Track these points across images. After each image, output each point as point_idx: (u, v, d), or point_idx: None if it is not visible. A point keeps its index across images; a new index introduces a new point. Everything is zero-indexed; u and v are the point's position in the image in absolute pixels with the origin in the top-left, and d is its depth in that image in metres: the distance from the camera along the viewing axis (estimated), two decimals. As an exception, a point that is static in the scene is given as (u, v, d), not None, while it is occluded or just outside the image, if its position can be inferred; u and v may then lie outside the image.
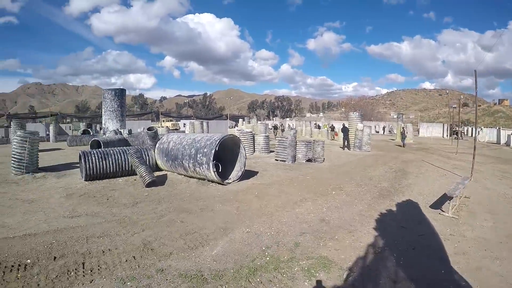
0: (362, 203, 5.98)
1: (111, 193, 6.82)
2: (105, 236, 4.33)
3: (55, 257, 3.66)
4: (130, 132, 19.30)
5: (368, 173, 9.49)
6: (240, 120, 42.70)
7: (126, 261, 3.59)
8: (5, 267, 3.39)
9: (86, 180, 7.70)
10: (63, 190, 7.07)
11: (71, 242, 4.10)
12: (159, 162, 8.53)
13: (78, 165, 10.78)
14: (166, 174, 8.39)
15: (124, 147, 8.64)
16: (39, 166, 9.36)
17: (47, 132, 28.81)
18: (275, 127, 29.50)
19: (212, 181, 7.10)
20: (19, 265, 3.44)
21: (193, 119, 43.04)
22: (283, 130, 26.80)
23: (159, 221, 4.93)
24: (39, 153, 9.29)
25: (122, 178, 8.08)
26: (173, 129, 35.29)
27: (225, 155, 7.79)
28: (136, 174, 7.77)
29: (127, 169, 7.96)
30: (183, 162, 7.44)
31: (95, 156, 7.76)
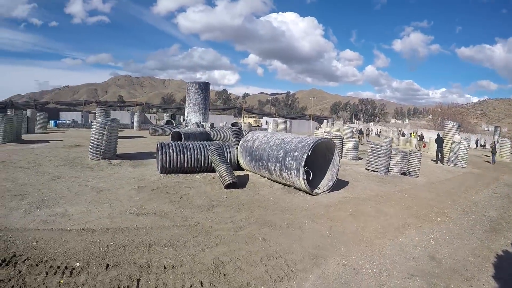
0: (473, 237, 6.10)
1: (186, 190, 7.24)
2: (171, 246, 4.23)
3: (107, 265, 3.60)
4: (212, 126, 21.25)
5: (471, 196, 9.97)
6: (324, 121, 47.84)
7: (191, 287, 3.35)
8: (50, 266, 3.48)
9: (161, 172, 8.60)
10: (136, 181, 7.80)
11: (131, 248, 4.07)
12: (241, 161, 9.47)
13: (155, 155, 12.14)
14: (248, 174, 8.99)
15: (205, 142, 9.67)
16: (117, 153, 11.04)
17: (132, 120, 35.26)
18: (360, 132, 34.26)
19: (300, 189, 7.76)
20: (66, 268, 3.48)
21: (276, 117, 49.13)
22: (368, 135, 31.77)
23: (237, 234, 4.98)
24: (120, 139, 10.97)
25: (199, 174, 8.86)
26: (255, 126, 39.92)
27: (315, 160, 8.37)
28: (215, 172, 8.50)
29: (205, 165, 8.93)
30: (269, 165, 8.13)
31: (173, 149, 8.69)
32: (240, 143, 9.66)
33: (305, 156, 7.30)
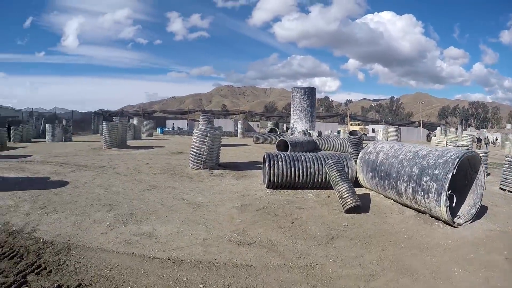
0: None
1: (298, 213, 6.16)
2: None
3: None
4: (319, 134, 20.03)
5: None
6: (438, 128, 45.55)
7: None
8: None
9: (268, 187, 7.78)
10: (238, 197, 6.98)
11: (228, 299, 3.03)
12: (360, 177, 8.57)
13: (261, 166, 11.39)
14: (369, 194, 7.87)
15: (318, 153, 8.97)
16: (220, 162, 10.65)
17: (236, 128, 36.32)
18: (479, 140, 33.75)
19: (437, 218, 6.68)
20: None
21: (383, 124, 48.43)
22: (487, 144, 32.29)
23: (369, 287, 3.81)
24: (223, 147, 10.65)
25: (311, 191, 7.84)
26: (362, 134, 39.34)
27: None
28: (329, 188, 7.84)
29: (319, 180, 8.03)
30: (398, 184, 7.15)
31: (282, 161, 7.95)
32: (360, 155, 8.52)
33: (449, 175, 6.16)
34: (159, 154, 14.02)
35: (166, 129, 37.79)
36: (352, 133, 8.90)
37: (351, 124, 54.27)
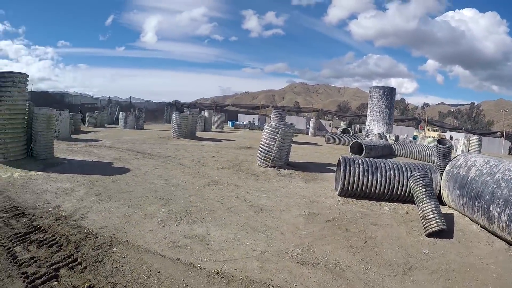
0: None
1: (372, 230, 5.27)
2: None
3: None
4: (397, 138, 18.36)
5: None
6: None
7: None
8: None
9: (339, 195, 6.96)
10: (306, 203, 6.24)
11: None
12: (444, 193, 7.45)
13: (333, 168, 10.49)
14: (452, 214, 6.74)
15: (400, 162, 7.79)
16: (289, 161, 10.01)
17: (307, 126, 35.38)
18: None
19: None
20: None
21: (462, 132, 44.69)
22: None
23: None
24: (293, 145, 10.03)
25: (387, 204, 6.86)
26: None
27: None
28: (407, 202, 7.08)
29: (398, 193, 7.08)
30: (490, 208, 5.87)
31: (359, 167, 7.06)
32: (448, 168, 7.27)
33: None
34: (227, 147, 13.75)
35: (237, 122, 38.03)
36: (440, 141, 7.66)
37: (427, 130, 50.76)
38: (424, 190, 5.79)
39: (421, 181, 5.88)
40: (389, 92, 19.95)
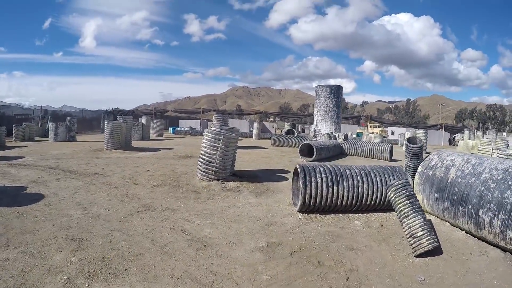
0: None
1: (350, 258, 4.17)
2: None
3: None
4: (346, 137, 17.96)
5: None
6: (466, 131, 42.59)
7: None
8: None
9: (300, 211, 5.77)
10: (262, 227, 4.97)
11: None
12: (419, 197, 6.67)
13: (285, 175, 9.36)
14: (430, 220, 5.72)
15: (368, 167, 6.85)
16: (235, 170, 8.73)
17: (251, 129, 34.34)
18: None
19: None
20: None
21: (403, 126, 47.05)
22: None
23: None
24: (238, 150, 8.83)
25: (355, 215, 5.86)
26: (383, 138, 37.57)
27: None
28: (378, 211, 6.23)
29: (368, 202, 6.07)
30: (479, 213, 5.23)
31: (322, 177, 5.94)
32: (421, 169, 6.49)
33: None
34: (165, 157, 12.13)
35: (178, 128, 35.97)
36: (411, 140, 6.81)
37: (370, 126, 52.15)
38: (408, 202, 4.77)
39: (404, 191, 4.85)
40: (336, 90, 19.28)
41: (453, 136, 44.83)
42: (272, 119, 69.88)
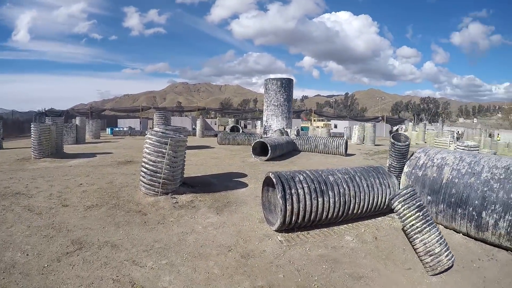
0: None
1: None
2: None
3: None
4: (298, 133, 17.27)
5: None
6: (409, 123, 45.77)
7: None
8: None
9: (279, 230, 4.66)
10: (237, 260, 3.78)
11: None
12: None
13: (243, 180, 8.25)
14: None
15: (351, 169, 5.94)
16: (184, 177, 7.42)
17: (193, 126, 32.63)
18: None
19: None
20: None
21: (347, 120, 48.21)
22: (458, 139, 30.11)
23: None
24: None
25: (342, 229, 4.94)
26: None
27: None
28: (362, 218, 5.50)
29: (355, 211, 5.18)
30: (483, 215, 4.72)
31: (303, 188, 4.82)
32: (408, 169, 5.74)
33: None
34: (102, 165, 10.39)
35: (117, 129, 33.10)
36: (396, 137, 5.97)
37: (314, 120, 52.58)
38: (421, 215, 3.88)
39: (413, 202, 3.95)
40: (287, 84, 18.10)
41: (396, 128, 46.71)
42: (213, 116, 68.13)
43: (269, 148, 11.56)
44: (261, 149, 12.36)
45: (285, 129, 16.26)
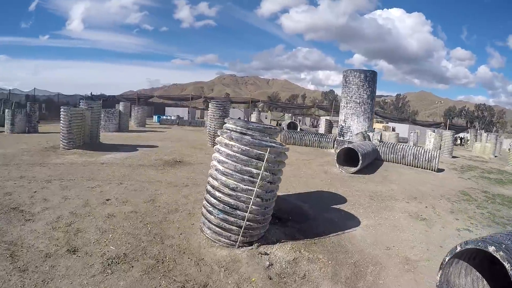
0: None
1: None
2: None
3: None
4: (381, 138, 13.88)
5: None
6: (471, 131, 37.75)
7: None
8: None
9: None
10: None
11: None
12: None
13: (341, 207, 5.35)
14: None
15: None
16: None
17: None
18: None
19: None
20: None
21: (408, 123, 43.31)
22: None
23: None
24: None
25: None
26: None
27: None
28: None
29: None
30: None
31: None
32: None
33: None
34: (143, 165, 7.93)
35: (164, 117, 31.25)
36: None
37: (374, 121, 48.74)
38: None
39: None
40: (372, 78, 14.58)
41: (460, 136, 41.24)
42: (260, 109, 65.08)
43: (360, 158, 8.57)
44: (346, 157, 9.38)
45: (367, 133, 13.00)
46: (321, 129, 20.70)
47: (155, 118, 31.45)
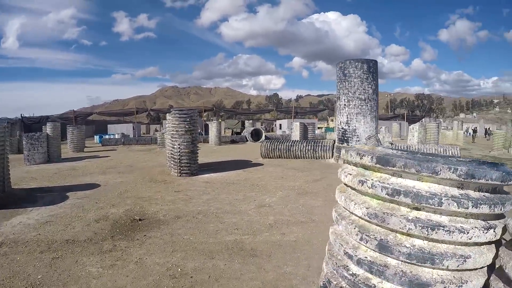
0: None
1: None
2: None
3: None
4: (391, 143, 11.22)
5: None
6: (431, 121, 41.55)
7: None
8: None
9: None
10: None
11: None
12: None
13: None
14: None
15: None
16: None
17: (200, 131, 25.98)
18: (474, 131, 33.49)
19: None
20: None
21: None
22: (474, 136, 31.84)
23: None
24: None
25: None
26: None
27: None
28: None
29: None
30: None
31: None
32: None
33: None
34: (71, 241, 4.26)
35: (107, 136, 26.45)
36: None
37: (331, 120, 47.13)
38: None
39: None
40: (375, 68, 11.34)
41: (473, 128, 40.89)
42: (205, 118, 60.37)
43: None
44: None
45: (377, 137, 10.14)
46: (294, 134, 17.74)
47: (96, 138, 26.72)
